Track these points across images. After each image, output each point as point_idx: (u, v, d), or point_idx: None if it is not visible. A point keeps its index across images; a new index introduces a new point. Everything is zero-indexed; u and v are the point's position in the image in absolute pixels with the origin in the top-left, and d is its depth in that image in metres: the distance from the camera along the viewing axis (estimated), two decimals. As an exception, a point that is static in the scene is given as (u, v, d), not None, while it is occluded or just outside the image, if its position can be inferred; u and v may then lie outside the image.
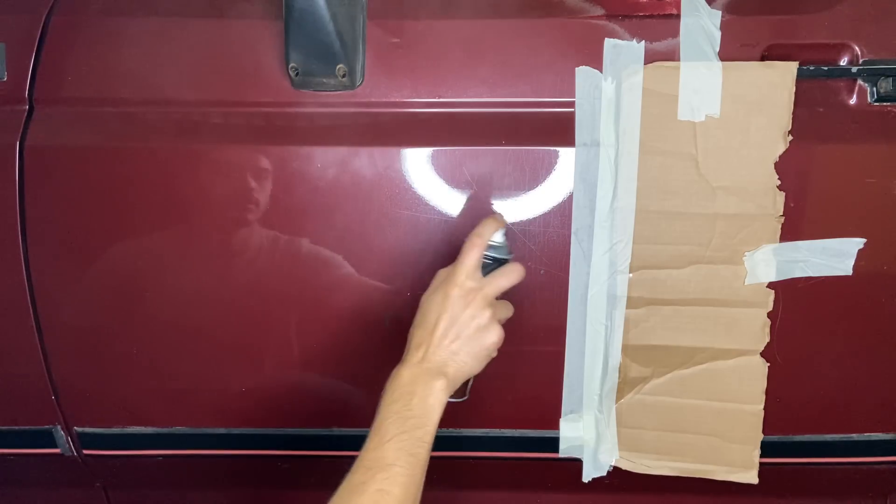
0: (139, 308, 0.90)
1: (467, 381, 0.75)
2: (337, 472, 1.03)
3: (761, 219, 0.83)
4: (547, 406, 0.92)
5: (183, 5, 0.90)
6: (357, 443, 0.95)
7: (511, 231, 0.83)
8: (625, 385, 0.91)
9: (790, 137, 0.81)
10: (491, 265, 0.76)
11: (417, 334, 0.72)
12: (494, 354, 0.75)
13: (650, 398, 0.91)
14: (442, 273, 0.76)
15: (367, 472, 0.63)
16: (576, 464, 0.96)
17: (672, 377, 0.90)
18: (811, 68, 0.82)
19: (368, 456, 0.65)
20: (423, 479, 0.66)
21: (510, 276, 0.75)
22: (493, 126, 0.85)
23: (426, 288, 0.87)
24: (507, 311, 0.77)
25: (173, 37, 0.87)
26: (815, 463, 0.96)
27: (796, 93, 0.80)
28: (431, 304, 0.72)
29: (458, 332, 0.71)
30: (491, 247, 0.76)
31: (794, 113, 0.81)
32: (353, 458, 0.98)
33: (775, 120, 0.81)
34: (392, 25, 0.86)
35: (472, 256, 0.73)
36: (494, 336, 0.72)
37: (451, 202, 0.86)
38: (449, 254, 0.87)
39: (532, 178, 0.85)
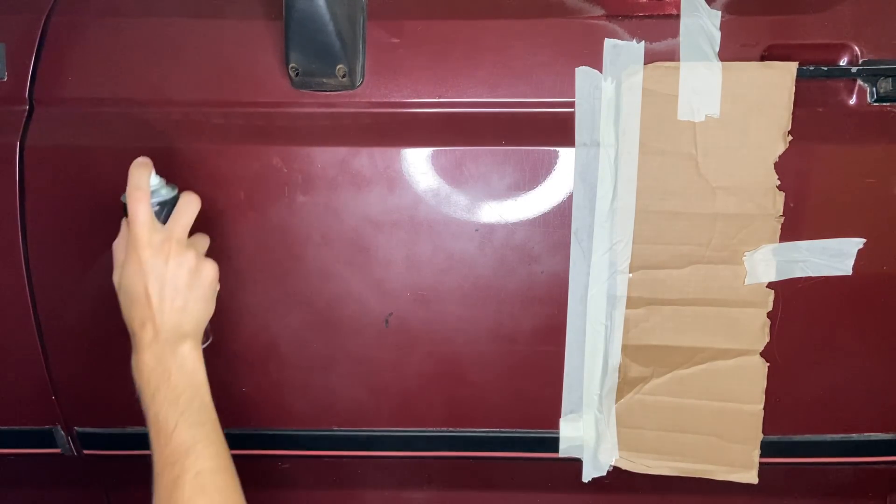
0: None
1: (206, 326, 0.71)
2: (337, 471, 1.04)
3: (761, 219, 0.83)
4: (547, 406, 0.92)
5: (183, 5, 0.90)
6: (358, 443, 0.96)
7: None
8: (625, 385, 0.91)
9: (790, 137, 0.81)
10: (162, 209, 0.70)
11: (136, 315, 0.66)
12: (218, 287, 0.70)
13: (650, 398, 0.91)
14: (120, 245, 0.70)
15: (174, 466, 0.62)
16: (576, 464, 0.96)
17: (672, 377, 0.90)
18: (811, 68, 0.82)
19: (165, 453, 0.63)
20: (222, 434, 0.65)
21: (189, 207, 0.69)
22: (493, 126, 0.85)
23: (426, 287, 0.87)
24: (204, 241, 0.72)
25: (173, 37, 0.87)
26: (815, 463, 0.96)
27: (796, 93, 0.80)
28: (130, 278, 0.66)
29: (175, 287, 0.66)
30: (153, 193, 0.69)
31: (793, 113, 0.81)
32: (353, 458, 0.99)
33: (775, 120, 0.81)
34: (392, 25, 0.86)
35: (143, 211, 0.66)
36: (209, 271, 0.68)
37: (451, 202, 0.86)
38: (449, 254, 0.87)
39: (532, 178, 0.85)
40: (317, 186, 0.85)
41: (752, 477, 0.92)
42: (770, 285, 0.86)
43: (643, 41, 0.83)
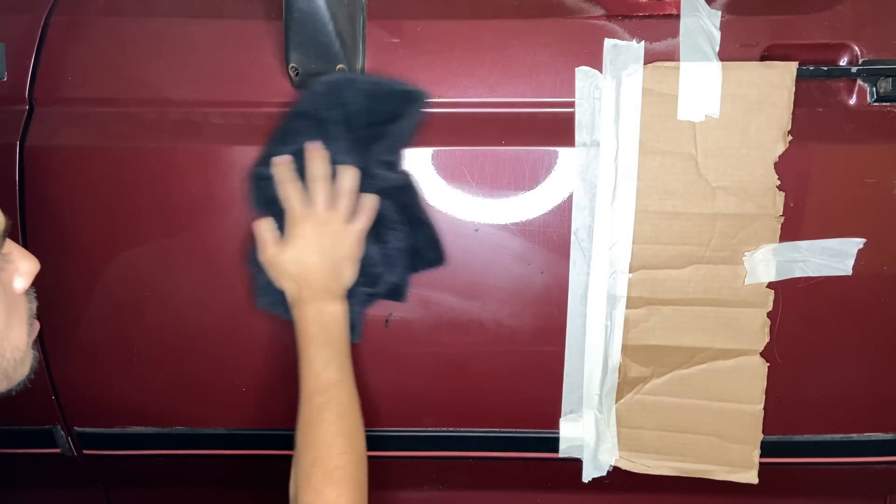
0: (139, 308, 0.90)
1: None
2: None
3: (761, 219, 0.83)
4: (547, 406, 0.92)
5: (183, 5, 0.90)
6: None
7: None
8: (625, 385, 0.91)
9: (790, 137, 0.81)
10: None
11: (299, 278, 0.79)
12: (361, 252, 0.83)
13: (650, 398, 0.91)
14: (264, 225, 0.82)
15: (324, 393, 0.75)
16: (576, 464, 0.96)
17: (672, 377, 0.90)
18: (811, 68, 0.82)
19: (315, 383, 0.75)
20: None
21: (346, 176, 0.81)
22: (493, 126, 0.85)
23: (426, 288, 0.88)
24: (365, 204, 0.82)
25: (173, 37, 0.87)
26: (815, 463, 0.96)
27: (796, 93, 0.80)
28: (294, 250, 0.79)
29: (331, 257, 0.80)
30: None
31: (793, 113, 0.81)
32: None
33: (775, 120, 0.81)
34: (392, 25, 0.86)
35: (322, 193, 0.80)
36: (353, 238, 0.81)
37: (451, 202, 0.86)
38: (449, 254, 0.87)
39: (532, 178, 0.85)
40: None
41: (752, 477, 0.92)
42: (770, 285, 0.86)
43: (643, 41, 0.83)
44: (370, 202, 0.82)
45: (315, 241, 0.79)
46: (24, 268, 0.60)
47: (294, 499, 0.72)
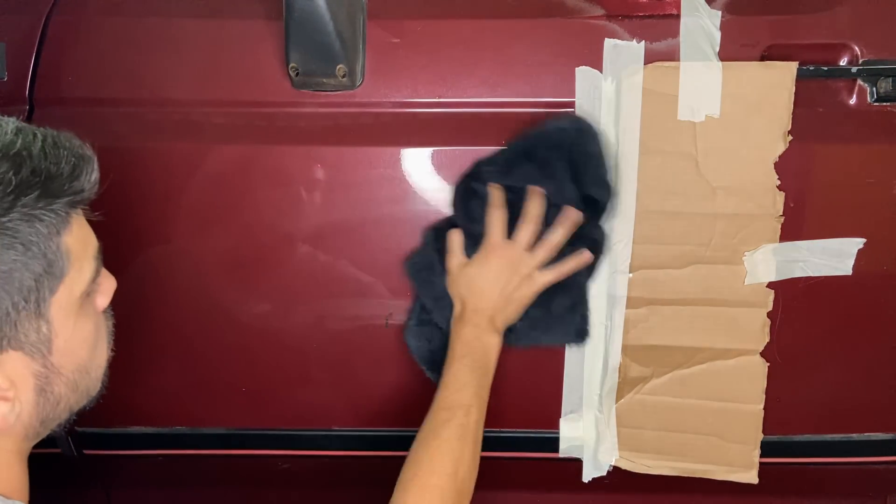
0: (139, 308, 0.90)
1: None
2: (338, 471, 1.04)
3: (761, 219, 0.83)
4: (547, 406, 0.92)
5: (183, 5, 0.90)
6: (358, 443, 0.96)
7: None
8: (625, 385, 0.91)
9: (790, 137, 0.81)
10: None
11: (472, 298, 0.81)
12: (532, 299, 0.83)
13: (650, 398, 0.91)
14: (456, 239, 0.83)
15: (449, 411, 0.75)
16: (576, 464, 0.96)
17: (672, 377, 0.90)
18: (811, 68, 0.82)
19: (449, 398, 0.76)
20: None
21: (530, 226, 0.82)
22: (493, 126, 0.85)
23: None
24: (540, 255, 0.82)
25: (173, 37, 0.87)
26: (815, 463, 0.96)
27: (796, 93, 0.80)
28: (480, 272, 0.81)
29: (507, 292, 0.80)
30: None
31: (793, 113, 0.81)
32: (353, 458, 0.99)
33: (775, 120, 0.81)
34: (392, 25, 0.86)
35: (500, 226, 0.82)
36: (533, 287, 0.82)
37: (451, 202, 0.86)
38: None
39: (532, 178, 0.85)
40: (316, 186, 0.85)
41: (752, 477, 0.92)
42: (770, 285, 0.86)
43: (643, 41, 0.83)
44: (568, 267, 0.82)
45: (501, 274, 0.80)
46: (105, 286, 0.61)
47: (392, 498, 0.71)
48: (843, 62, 0.83)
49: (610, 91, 0.83)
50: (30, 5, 0.90)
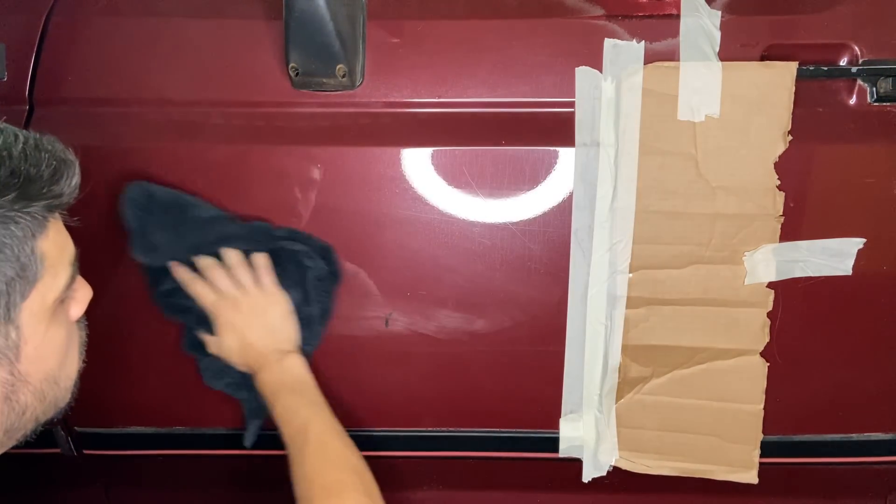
0: (139, 308, 0.90)
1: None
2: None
3: (761, 219, 0.83)
4: (547, 406, 0.92)
5: (183, 5, 0.90)
6: (358, 442, 0.95)
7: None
8: (625, 385, 0.91)
9: (790, 137, 0.81)
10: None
11: (248, 355, 0.84)
12: (292, 307, 0.86)
13: (650, 398, 0.91)
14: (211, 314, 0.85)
15: (300, 435, 0.76)
16: (576, 464, 0.96)
17: (672, 377, 0.90)
18: (811, 68, 0.82)
19: (293, 427, 0.77)
20: (331, 413, 0.81)
21: (229, 255, 0.86)
22: (493, 126, 0.85)
23: (426, 288, 0.88)
24: (263, 277, 0.85)
25: (173, 37, 0.87)
26: (815, 463, 0.96)
27: (796, 93, 0.80)
28: (229, 336, 0.84)
29: (261, 326, 0.84)
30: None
31: (793, 113, 0.81)
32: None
33: (775, 120, 0.81)
34: (392, 25, 0.86)
35: (216, 286, 0.85)
36: (277, 304, 0.85)
37: (451, 202, 0.86)
38: (449, 254, 0.87)
39: (532, 178, 0.85)
40: (316, 186, 0.85)
41: (752, 477, 0.92)
42: (770, 285, 0.86)
43: (643, 41, 0.83)
44: (260, 260, 0.85)
45: (243, 321, 0.83)
46: (80, 295, 0.60)
47: None
48: (843, 62, 0.83)
49: (610, 91, 0.83)
50: (30, 5, 0.90)
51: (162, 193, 0.83)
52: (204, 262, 0.84)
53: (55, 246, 0.54)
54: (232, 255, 0.84)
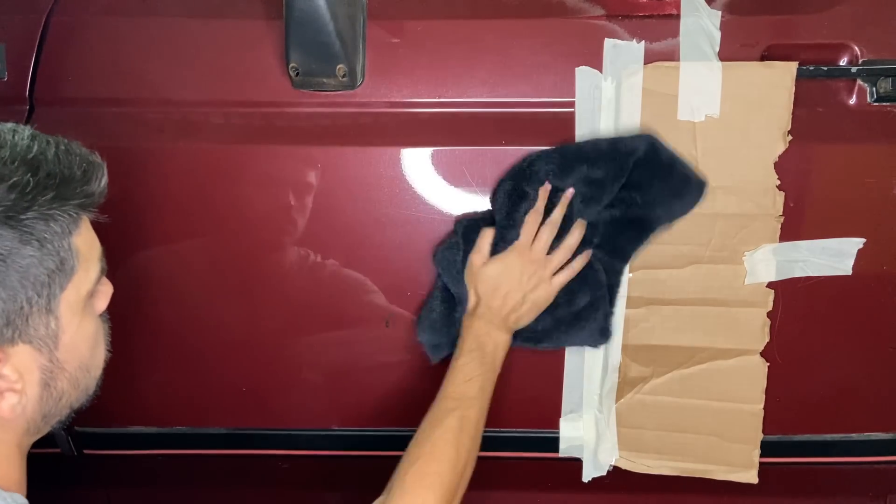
0: (139, 308, 0.90)
1: None
2: (337, 471, 1.03)
3: (761, 219, 0.83)
4: (547, 406, 0.92)
5: (183, 5, 0.90)
6: (358, 442, 0.96)
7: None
8: (625, 385, 0.91)
9: (790, 137, 0.81)
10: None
11: (489, 295, 0.82)
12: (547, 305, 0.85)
13: (650, 398, 0.91)
14: (487, 237, 0.84)
15: (455, 401, 0.77)
16: (576, 464, 0.96)
17: (672, 377, 0.90)
18: (811, 68, 0.82)
19: (455, 390, 0.78)
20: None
21: (575, 233, 0.84)
22: (493, 126, 0.85)
23: (426, 288, 0.88)
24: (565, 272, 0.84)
25: (173, 37, 0.87)
26: (815, 463, 0.96)
27: (796, 93, 0.80)
28: (501, 271, 0.82)
29: (524, 294, 0.82)
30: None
31: (793, 113, 0.81)
32: (353, 458, 0.99)
33: (775, 120, 0.81)
34: (392, 25, 0.86)
35: (532, 235, 0.83)
36: (548, 292, 0.83)
37: (451, 202, 0.86)
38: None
39: (532, 178, 0.85)
40: (317, 186, 0.85)
41: (752, 477, 0.92)
42: (770, 285, 0.86)
43: (643, 41, 0.83)
44: (579, 264, 0.83)
45: (519, 274, 0.81)
46: (104, 290, 0.64)
47: (388, 488, 0.73)
48: (842, 62, 0.83)
49: (610, 91, 0.83)
50: (30, 5, 0.90)
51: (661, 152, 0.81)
52: (556, 216, 0.82)
53: (87, 242, 0.59)
54: (577, 230, 0.83)
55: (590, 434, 0.93)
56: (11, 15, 0.89)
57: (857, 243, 0.84)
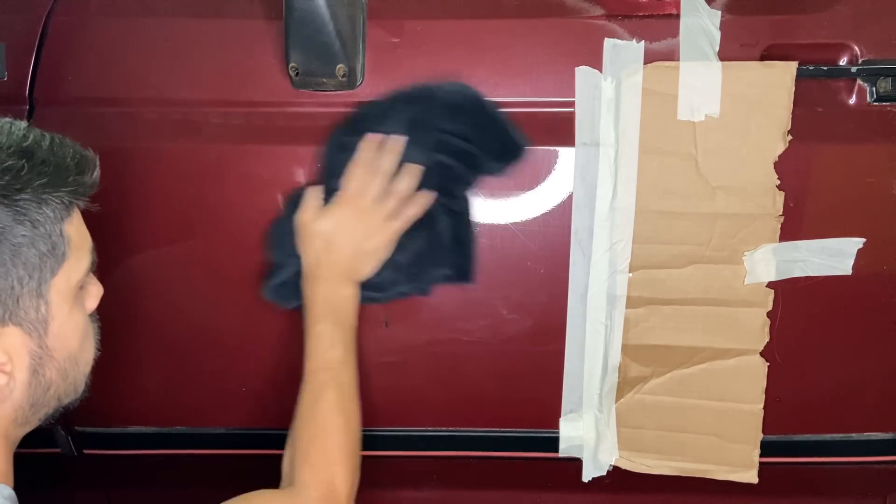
0: (139, 308, 0.90)
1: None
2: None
3: (761, 218, 0.83)
4: (547, 406, 0.92)
5: (183, 5, 0.90)
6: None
7: None
8: (625, 385, 0.91)
9: (790, 137, 0.81)
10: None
11: (319, 254, 0.80)
12: (388, 252, 0.83)
13: (650, 398, 0.91)
14: (314, 193, 0.82)
15: (325, 372, 0.77)
16: (576, 464, 0.96)
17: (672, 377, 0.90)
18: (811, 68, 0.82)
19: (322, 361, 0.78)
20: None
21: (406, 178, 0.82)
22: (493, 126, 0.85)
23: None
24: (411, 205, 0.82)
25: (173, 37, 0.87)
26: (815, 463, 0.96)
27: (796, 93, 0.80)
28: (325, 224, 0.81)
29: (356, 243, 0.81)
30: None
31: (793, 113, 0.81)
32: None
33: (775, 120, 0.81)
34: (392, 25, 0.86)
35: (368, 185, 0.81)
36: (385, 237, 0.81)
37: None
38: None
39: (532, 178, 0.85)
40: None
41: (752, 477, 0.92)
42: (770, 285, 0.86)
43: (643, 41, 0.83)
44: (413, 210, 0.82)
45: (351, 226, 0.80)
46: (94, 290, 0.66)
47: (287, 475, 0.74)
48: (842, 62, 0.83)
49: (610, 91, 0.83)
50: (30, 5, 0.90)
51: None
52: (384, 164, 0.81)
53: (78, 232, 0.60)
54: (407, 175, 0.82)
55: (590, 434, 0.93)
56: (11, 15, 0.89)
57: (857, 243, 0.84)
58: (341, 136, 0.83)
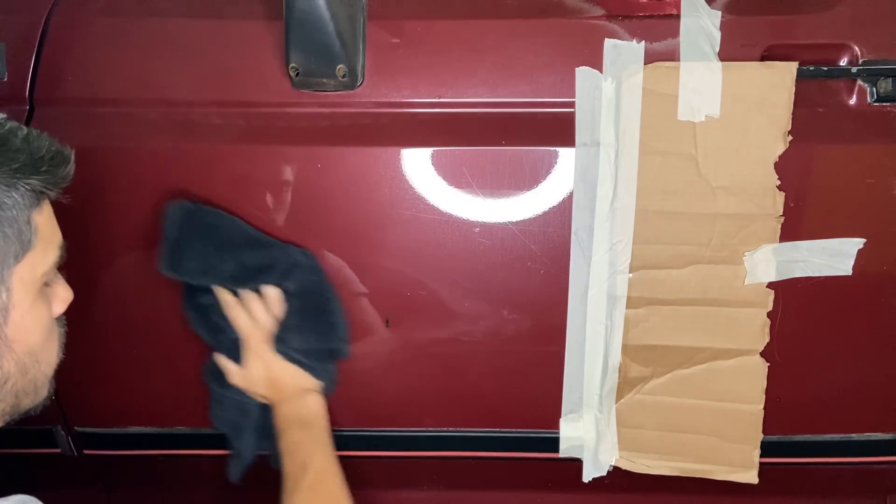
0: (139, 308, 0.90)
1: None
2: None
3: (761, 219, 0.83)
4: (547, 406, 0.92)
5: (183, 5, 0.90)
6: (358, 442, 0.96)
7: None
8: (625, 385, 0.91)
9: (790, 137, 0.81)
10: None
11: (272, 389, 0.87)
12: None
13: (650, 398, 0.91)
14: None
15: (292, 478, 0.79)
16: (576, 464, 0.96)
17: (672, 377, 0.90)
18: (811, 68, 0.82)
19: (303, 469, 0.79)
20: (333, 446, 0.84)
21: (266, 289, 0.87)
22: (493, 126, 0.85)
23: (426, 288, 0.88)
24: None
25: (173, 37, 0.87)
26: (815, 463, 0.96)
27: (796, 93, 0.80)
28: (259, 372, 0.87)
29: (284, 368, 0.87)
30: None
31: (793, 113, 0.81)
32: (353, 458, 0.99)
33: (775, 120, 0.81)
34: (392, 25, 0.86)
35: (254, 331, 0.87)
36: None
37: (451, 202, 0.86)
38: (449, 254, 0.87)
39: (532, 178, 0.85)
40: (316, 186, 0.85)
41: (752, 477, 0.92)
42: (770, 285, 0.86)
43: (643, 41, 0.83)
44: (272, 293, 0.85)
45: (270, 356, 0.85)
46: (62, 294, 0.66)
47: None
48: (843, 62, 0.83)
49: (610, 91, 0.83)
50: (30, 5, 0.90)
51: (204, 213, 0.84)
52: (246, 293, 0.86)
53: (47, 224, 0.60)
54: (271, 291, 0.86)
55: (590, 434, 0.93)
56: (11, 15, 0.89)
57: (857, 243, 0.84)
58: (200, 297, 0.86)
